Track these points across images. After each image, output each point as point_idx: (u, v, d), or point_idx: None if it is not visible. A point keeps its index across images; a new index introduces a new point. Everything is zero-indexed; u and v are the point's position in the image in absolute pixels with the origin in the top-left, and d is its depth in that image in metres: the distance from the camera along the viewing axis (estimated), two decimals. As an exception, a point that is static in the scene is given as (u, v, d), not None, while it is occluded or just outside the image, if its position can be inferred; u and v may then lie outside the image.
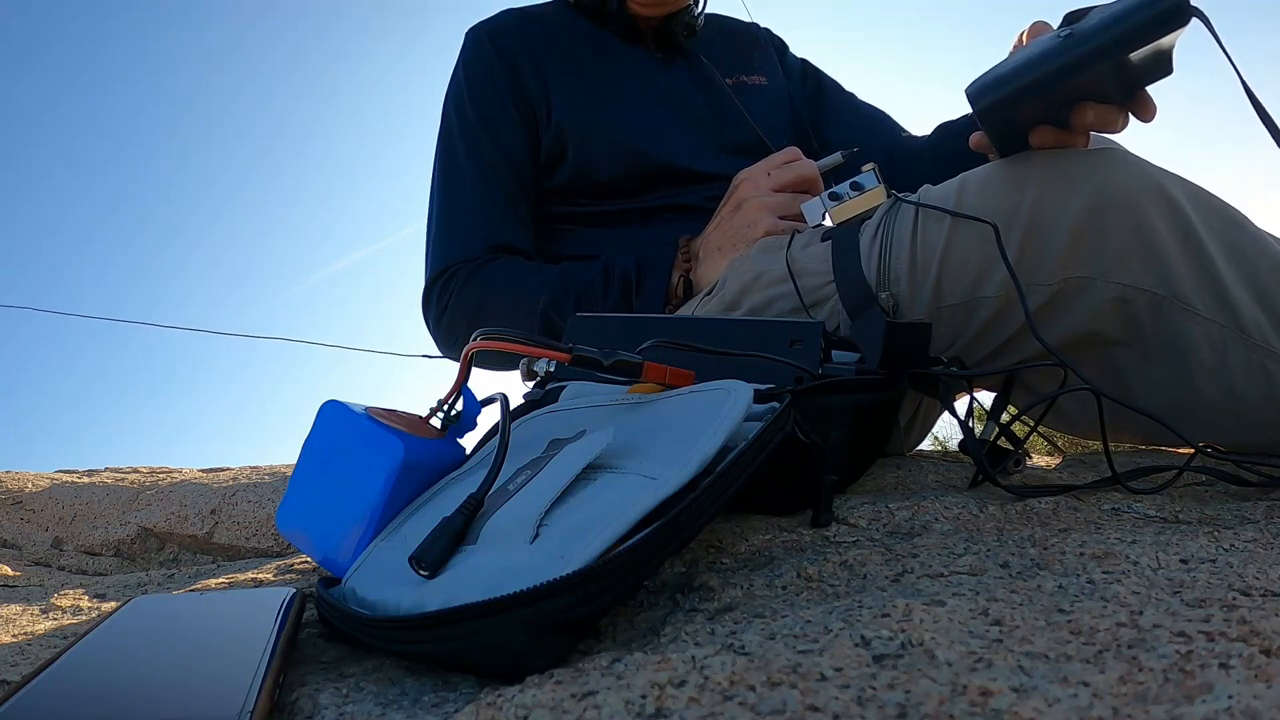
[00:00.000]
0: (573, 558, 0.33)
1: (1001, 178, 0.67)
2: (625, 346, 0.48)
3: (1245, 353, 0.62)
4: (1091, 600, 0.33)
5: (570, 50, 1.01)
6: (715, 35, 1.10)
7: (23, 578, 1.03)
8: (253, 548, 1.25)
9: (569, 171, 0.98)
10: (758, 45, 1.14)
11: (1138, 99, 0.65)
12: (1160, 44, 0.58)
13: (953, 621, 0.31)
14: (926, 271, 0.68)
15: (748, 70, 1.08)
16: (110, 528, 1.37)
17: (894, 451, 0.81)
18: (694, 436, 0.40)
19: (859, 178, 0.76)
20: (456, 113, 1.03)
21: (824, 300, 0.72)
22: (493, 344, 0.47)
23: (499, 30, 1.03)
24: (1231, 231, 0.63)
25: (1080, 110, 0.64)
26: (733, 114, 1.02)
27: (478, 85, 1.01)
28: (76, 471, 1.76)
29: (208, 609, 0.39)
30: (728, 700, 0.26)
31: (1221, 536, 0.44)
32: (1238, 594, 0.33)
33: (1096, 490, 0.58)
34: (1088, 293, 0.64)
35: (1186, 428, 0.62)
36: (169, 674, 0.32)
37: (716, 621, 0.36)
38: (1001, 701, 0.24)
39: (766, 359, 0.54)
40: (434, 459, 0.50)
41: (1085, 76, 0.60)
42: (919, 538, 0.48)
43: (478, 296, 0.94)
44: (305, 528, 0.51)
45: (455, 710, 0.30)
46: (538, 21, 1.05)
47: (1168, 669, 0.26)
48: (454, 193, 1.01)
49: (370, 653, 0.37)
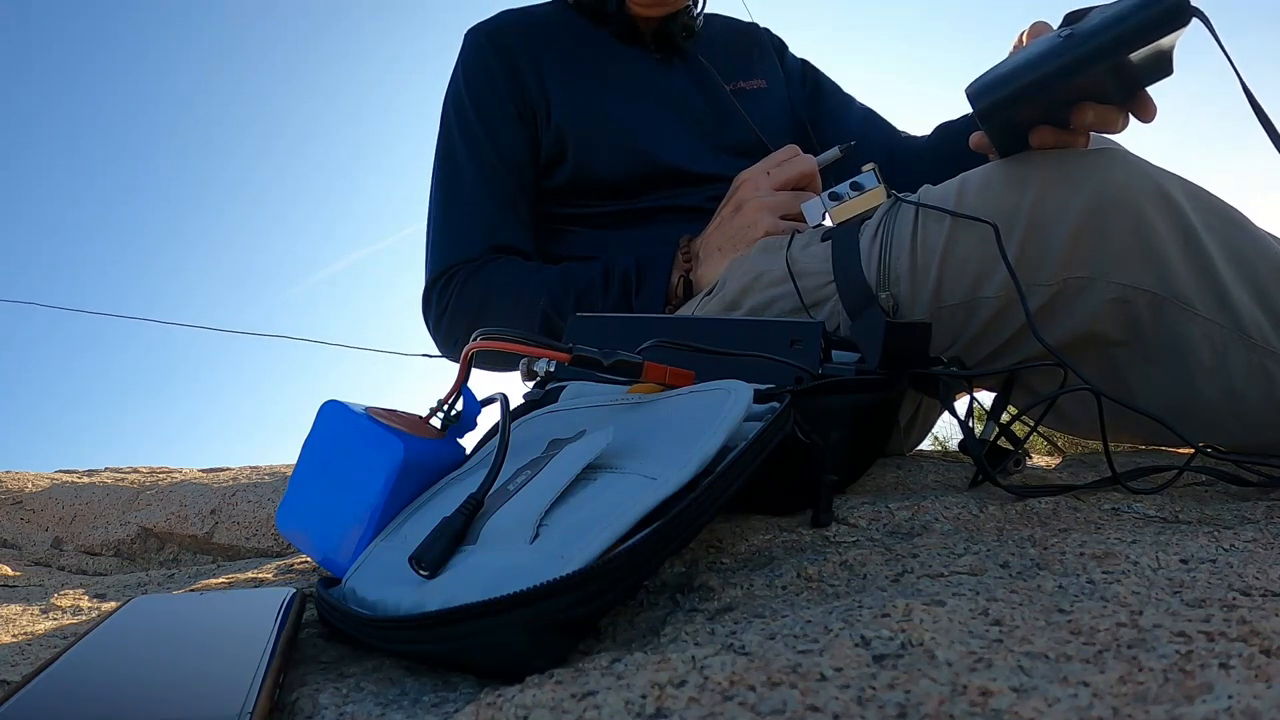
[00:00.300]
0: (573, 558, 0.33)
1: (1002, 178, 0.67)
2: (625, 346, 0.48)
3: (1245, 353, 0.62)
4: (1091, 600, 0.33)
5: (569, 51, 1.01)
6: (715, 36, 1.10)
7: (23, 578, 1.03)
8: (253, 548, 1.25)
9: (569, 172, 0.98)
10: (758, 46, 1.14)
11: (1138, 99, 0.65)
12: (1160, 44, 0.58)
13: (953, 621, 0.31)
14: (927, 271, 0.68)
15: (746, 73, 1.08)
16: (110, 528, 1.37)
17: (894, 451, 0.81)
18: (694, 436, 0.40)
19: (859, 178, 0.76)
20: (456, 113, 1.03)
21: (824, 300, 0.72)
22: (493, 344, 0.47)
23: (498, 30, 1.03)
24: (1231, 232, 0.63)
25: (1080, 110, 0.64)
26: (732, 115, 1.02)
27: (477, 86, 1.01)
28: (76, 471, 1.77)
29: (208, 609, 0.39)
30: (728, 700, 0.26)
31: (1221, 536, 0.44)
32: (1238, 594, 0.33)
33: (1096, 490, 0.58)
34: (1088, 293, 0.64)
35: (1186, 428, 0.62)
36: (169, 674, 0.32)
37: (716, 621, 0.36)
38: (1001, 701, 0.24)
39: (766, 359, 0.54)
40: (434, 459, 0.50)
41: (1085, 77, 0.60)
42: (919, 538, 0.48)
43: (478, 297, 0.94)
44: (305, 528, 0.51)
45: (455, 710, 0.30)
46: (537, 22, 1.05)
47: (1168, 669, 0.26)
48: (454, 193, 1.01)
49: (370, 653, 0.37)
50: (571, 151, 0.97)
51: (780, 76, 1.13)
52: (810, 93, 1.17)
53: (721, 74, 1.04)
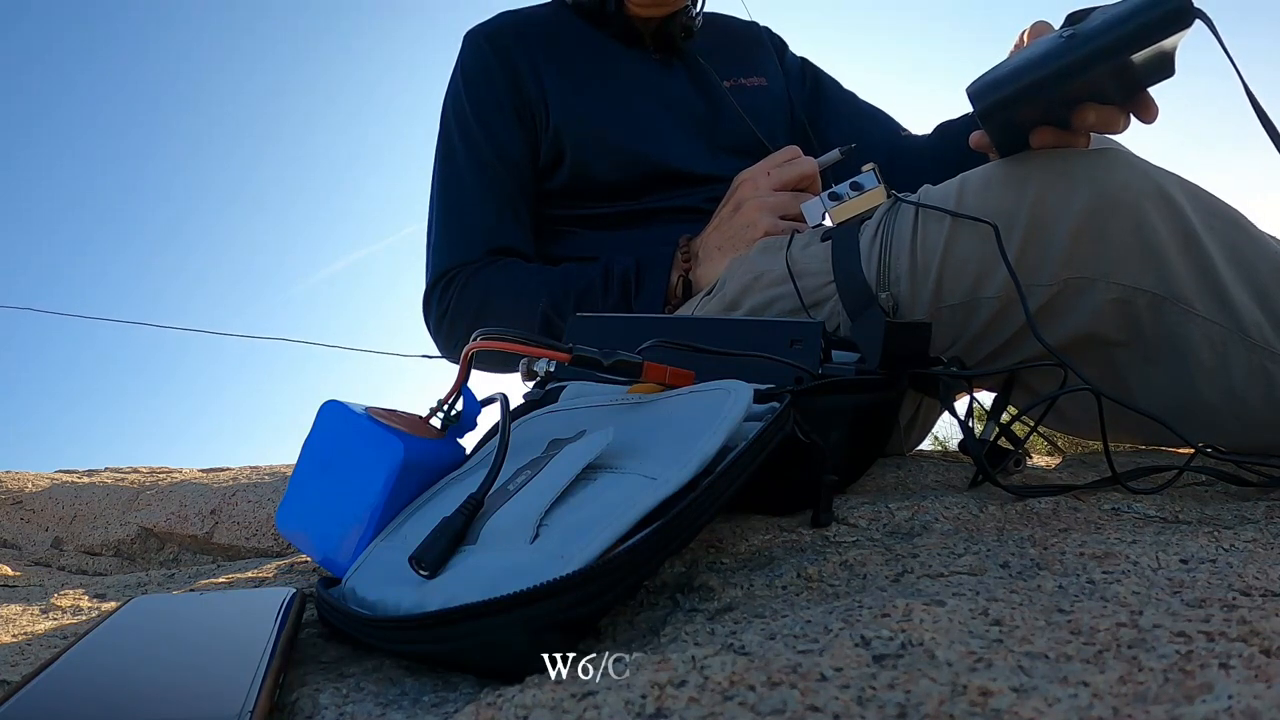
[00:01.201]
0: (573, 558, 0.33)
1: (1002, 178, 0.67)
2: (625, 346, 0.48)
3: (1245, 353, 0.62)
4: (1091, 600, 0.33)
5: (568, 52, 1.01)
6: (714, 36, 1.10)
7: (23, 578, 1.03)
8: (253, 548, 1.25)
9: (568, 174, 0.98)
10: (757, 45, 1.14)
11: (1139, 100, 0.64)
12: (1163, 45, 0.58)
13: (953, 621, 0.30)
14: (927, 271, 0.68)
15: (746, 72, 1.08)
16: (110, 528, 1.37)
17: (894, 451, 0.81)
18: (694, 436, 0.40)
19: (859, 178, 0.76)
20: (455, 116, 1.03)
21: (824, 300, 0.72)
22: (493, 344, 0.47)
23: (497, 33, 1.03)
24: (1231, 232, 0.63)
25: (1081, 111, 0.64)
26: (731, 115, 1.02)
27: (476, 88, 1.01)
28: (76, 471, 1.77)
29: (208, 609, 0.39)
30: (728, 700, 0.26)
31: (1221, 536, 0.44)
32: (1238, 594, 0.33)
33: (1096, 490, 0.58)
34: (1088, 293, 0.64)
35: (1186, 428, 0.62)
36: (169, 674, 0.32)
37: (716, 621, 0.36)
38: (1001, 701, 0.24)
39: (766, 359, 0.54)
40: (434, 459, 0.50)
41: (1087, 77, 0.59)
42: (919, 538, 0.48)
43: (478, 299, 0.94)
44: (305, 528, 0.51)
45: (455, 710, 0.30)
46: (536, 24, 1.04)
47: (1168, 669, 0.26)
48: (453, 196, 1.01)
49: (370, 653, 0.37)
50: (570, 154, 0.97)
51: (780, 75, 1.13)
52: (811, 91, 1.16)
53: (720, 72, 1.04)
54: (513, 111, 0.99)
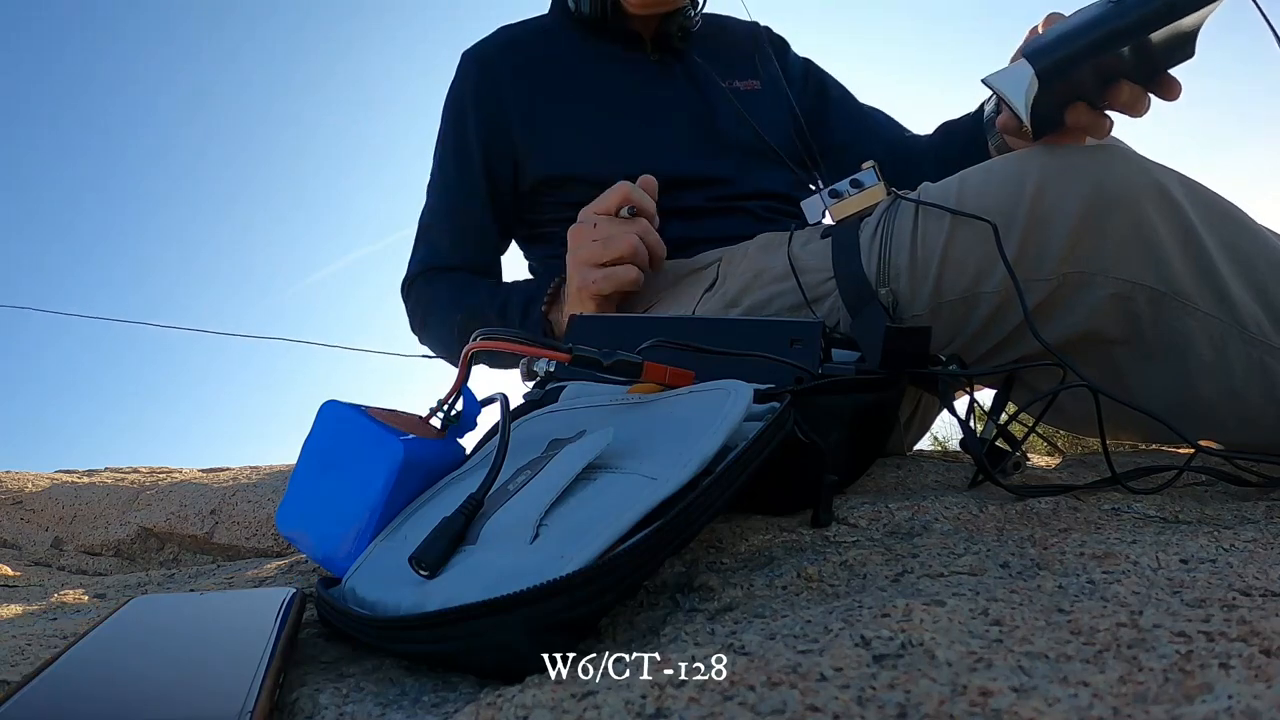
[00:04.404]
0: (573, 558, 0.33)
1: (1001, 174, 0.67)
2: (625, 346, 0.48)
3: (1244, 349, 0.62)
4: (1091, 600, 0.33)
5: (557, 74, 1.02)
6: (713, 36, 1.10)
7: (23, 578, 1.03)
8: (253, 548, 1.25)
9: (560, 198, 1.00)
10: (757, 45, 1.14)
11: (1161, 81, 0.64)
12: (1182, 24, 0.58)
13: (953, 621, 0.30)
14: (927, 268, 0.68)
15: (744, 74, 1.08)
16: (110, 528, 1.37)
17: (894, 450, 0.81)
18: (694, 436, 0.40)
19: (859, 175, 0.76)
20: (440, 135, 1.08)
21: (824, 296, 0.72)
22: (493, 344, 0.47)
23: (489, 59, 1.05)
24: (1230, 228, 0.63)
25: (1116, 88, 0.64)
26: (730, 115, 1.02)
27: (458, 119, 1.05)
28: (76, 471, 1.77)
29: (208, 609, 0.39)
30: (728, 700, 0.26)
31: (1221, 536, 0.44)
32: (1238, 594, 0.33)
33: (1096, 490, 0.58)
34: (1087, 289, 0.64)
35: (1186, 426, 0.62)
36: (169, 674, 0.32)
37: (716, 621, 0.36)
38: (1001, 701, 0.24)
39: (766, 359, 0.54)
40: (434, 459, 0.50)
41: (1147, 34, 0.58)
42: (919, 538, 0.48)
43: (422, 309, 1.03)
44: (305, 528, 0.51)
45: (455, 710, 0.30)
46: (527, 43, 1.06)
47: (1168, 669, 0.26)
48: (427, 209, 1.09)
49: (370, 653, 0.37)
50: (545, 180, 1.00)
51: (779, 76, 1.13)
52: (813, 91, 1.16)
53: (718, 72, 1.04)
54: (481, 147, 1.03)
